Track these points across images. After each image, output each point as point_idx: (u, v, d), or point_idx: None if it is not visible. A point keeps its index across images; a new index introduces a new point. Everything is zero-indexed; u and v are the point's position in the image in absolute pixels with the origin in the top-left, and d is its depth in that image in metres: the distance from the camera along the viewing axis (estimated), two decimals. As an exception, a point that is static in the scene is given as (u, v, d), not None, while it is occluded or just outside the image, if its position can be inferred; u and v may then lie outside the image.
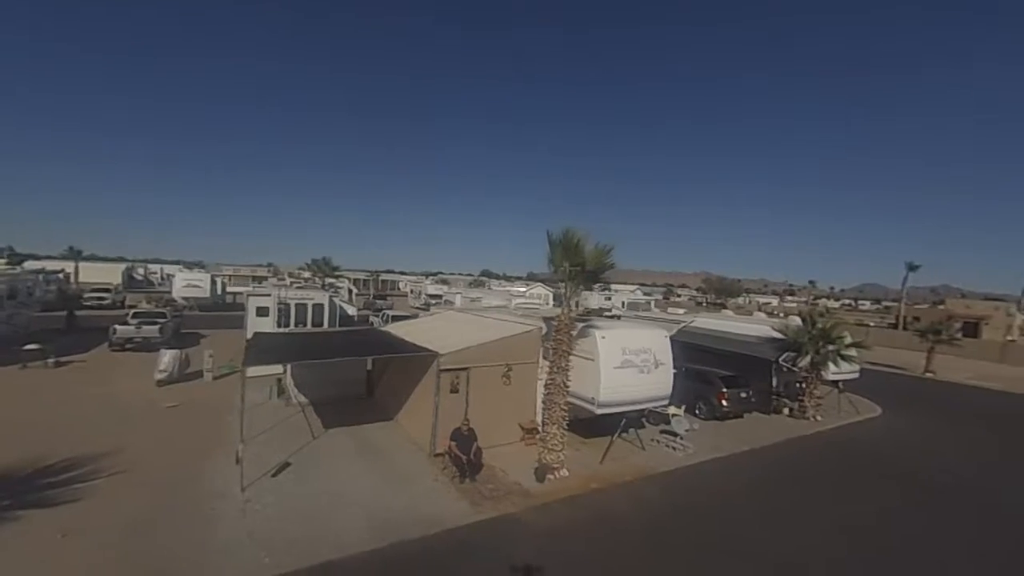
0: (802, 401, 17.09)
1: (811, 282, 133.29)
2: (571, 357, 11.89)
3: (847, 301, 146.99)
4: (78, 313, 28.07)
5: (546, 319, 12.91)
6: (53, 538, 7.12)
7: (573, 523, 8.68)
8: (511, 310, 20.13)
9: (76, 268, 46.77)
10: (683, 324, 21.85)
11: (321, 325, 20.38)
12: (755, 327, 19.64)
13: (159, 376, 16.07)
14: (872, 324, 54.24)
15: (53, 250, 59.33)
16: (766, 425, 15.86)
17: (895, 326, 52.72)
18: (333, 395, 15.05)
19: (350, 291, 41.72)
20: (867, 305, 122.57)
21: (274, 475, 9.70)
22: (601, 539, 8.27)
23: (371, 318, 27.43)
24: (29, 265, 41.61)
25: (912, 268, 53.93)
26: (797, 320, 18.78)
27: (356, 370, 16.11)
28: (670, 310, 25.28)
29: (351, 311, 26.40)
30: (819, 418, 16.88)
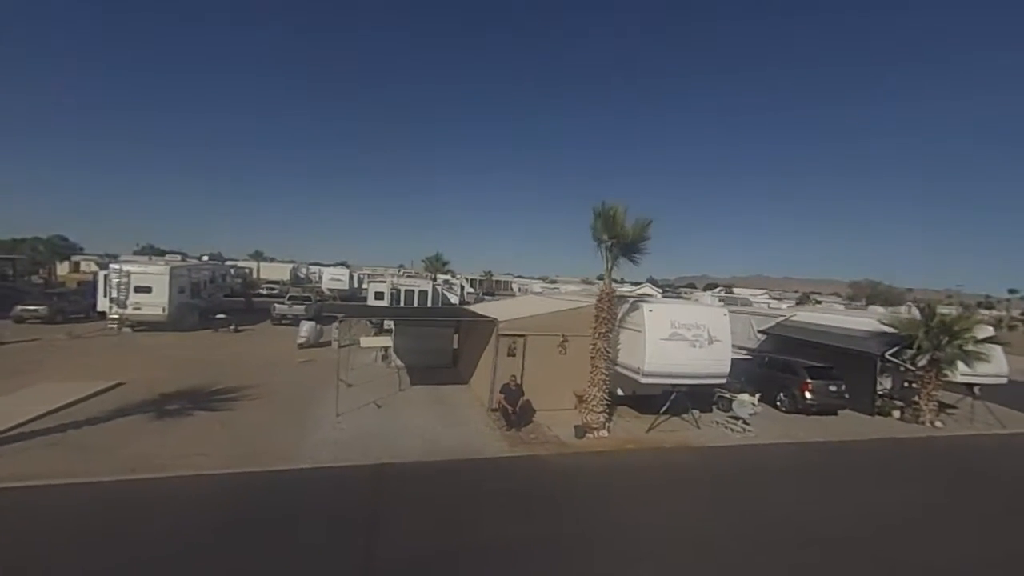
0: (916, 403, 14.96)
1: (1012, 291, 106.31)
2: (623, 330, 12.56)
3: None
4: (255, 299, 35.73)
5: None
6: (214, 426, 10.19)
7: (590, 466, 9.47)
8: (579, 293, 20.84)
9: (258, 266, 58.45)
10: (782, 318, 20.47)
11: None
12: (862, 321, 17.51)
13: (299, 341, 20.32)
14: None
15: (245, 253, 74.48)
16: (862, 424, 14.32)
17: None
18: (424, 363, 17.54)
19: (462, 287, 45.74)
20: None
21: (379, 406, 12.35)
22: (611, 480, 8.98)
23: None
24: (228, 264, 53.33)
25: None
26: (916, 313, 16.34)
27: (445, 344, 18.54)
28: (771, 306, 23.28)
29: (453, 299, 29.37)
30: (938, 424, 14.63)
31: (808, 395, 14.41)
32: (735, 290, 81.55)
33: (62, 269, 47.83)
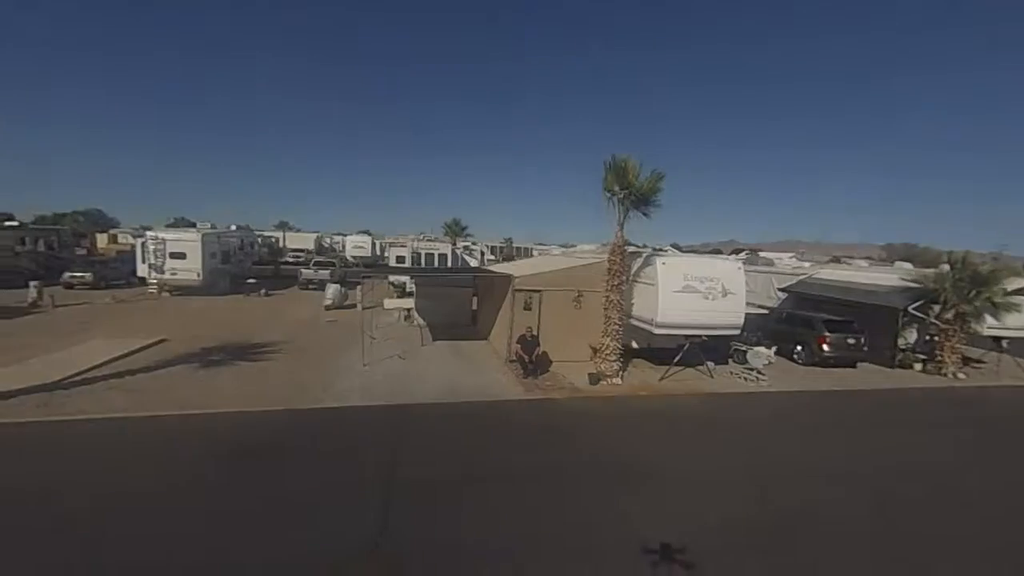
0: (939, 356, 14.83)
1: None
2: (637, 284, 12.78)
3: None
4: (282, 266, 37.01)
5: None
6: (252, 372, 11.02)
7: (602, 408, 9.95)
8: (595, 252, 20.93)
9: (284, 236, 59.96)
10: (803, 276, 20.21)
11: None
12: (887, 276, 17.20)
13: (326, 303, 21.21)
14: None
15: (271, 224, 76.52)
16: (880, 375, 14.35)
17: None
18: (445, 322, 18.18)
19: (482, 252, 46.22)
20: None
21: (402, 358, 13.09)
22: (620, 420, 9.49)
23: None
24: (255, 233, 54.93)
25: None
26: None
27: (464, 304, 19.15)
28: (793, 266, 22.83)
29: (473, 263, 29.88)
30: (961, 376, 14.52)
31: (825, 347, 14.45)
32: (761, 253, 79.91)
33: (101, 241, 50.15)
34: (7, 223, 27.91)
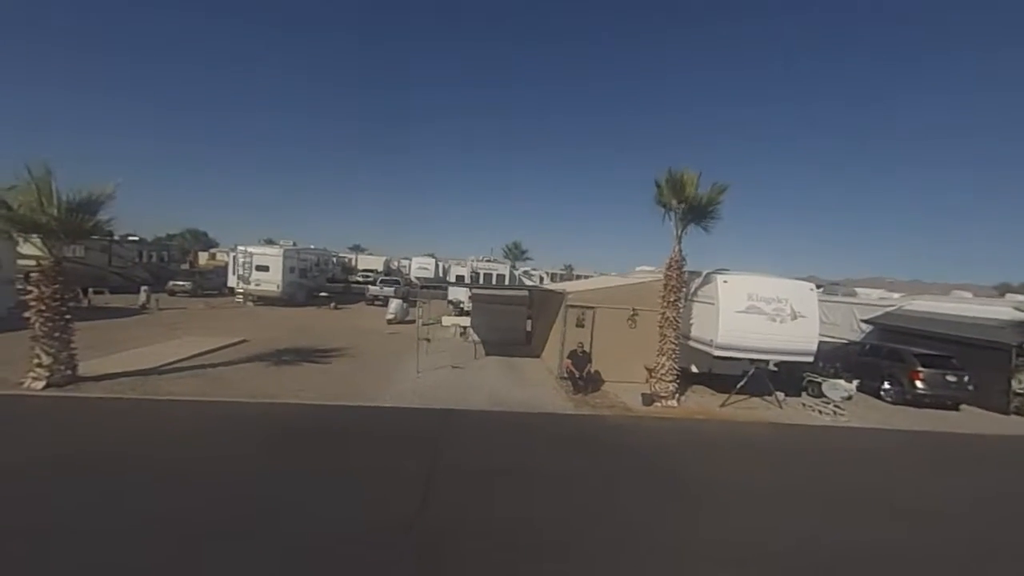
0: (1068, 404, 12.69)
1: None
2: (696, 303, 12.26)
3: None
4: (352, 284, 39.49)
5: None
6: (316, 372, 11.74)
7: (653, 426, 9.46)
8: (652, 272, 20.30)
9: (356, 257, 64.12)
10: (891, 307, 18.38)
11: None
12: (996, 309, 15.14)
13: (388, 317, 22.24)
14: None
15: (346, 246, 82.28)
16: (989, 421, 12.49)
17: None
18: (500, 339, 18.36)
19: (541, 278, 46.61)
20: None
21: (455, 368, 13.45)
22: (669, 439, 8.99)
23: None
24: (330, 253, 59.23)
25: None
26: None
27: (518, 324, 19.30)
28: (880, 296, 20.63)
29: (529, 283, 30.18)
30: (1097, 429, 12.28)
31: (919, 384, 12.86)
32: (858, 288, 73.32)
33: (202, 258, 56.53)
34: (130, 237, 32.21)
